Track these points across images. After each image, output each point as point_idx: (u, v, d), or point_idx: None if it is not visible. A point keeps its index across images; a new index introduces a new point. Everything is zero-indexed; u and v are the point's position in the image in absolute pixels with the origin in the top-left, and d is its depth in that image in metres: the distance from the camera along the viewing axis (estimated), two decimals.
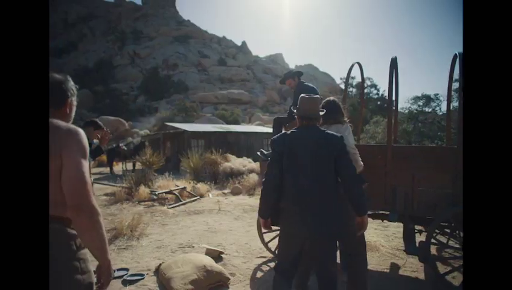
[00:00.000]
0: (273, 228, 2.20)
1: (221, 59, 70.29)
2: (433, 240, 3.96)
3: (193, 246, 3.94)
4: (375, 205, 3.23)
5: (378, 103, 28.90)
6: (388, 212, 3.13)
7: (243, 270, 3.19)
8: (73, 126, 1.24)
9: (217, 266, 2.93)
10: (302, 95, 2.07)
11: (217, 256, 3.52)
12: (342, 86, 27.67)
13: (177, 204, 6.47)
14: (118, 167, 15.62)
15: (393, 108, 3.62)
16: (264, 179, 2.01)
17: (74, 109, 1.40)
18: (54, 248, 1.15)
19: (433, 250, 3.83)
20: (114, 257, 3.59)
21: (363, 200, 1.93)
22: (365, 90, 28.18)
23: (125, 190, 7.03)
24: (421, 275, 3.16)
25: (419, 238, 3.37)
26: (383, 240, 4.26)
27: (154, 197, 6.63)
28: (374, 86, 29.89)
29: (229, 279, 2.88)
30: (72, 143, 1.18)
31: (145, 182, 7.41)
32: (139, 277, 2.95)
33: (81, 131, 1.24)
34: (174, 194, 6.90)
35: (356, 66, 3.77)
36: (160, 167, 9.87)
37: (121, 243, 4.04)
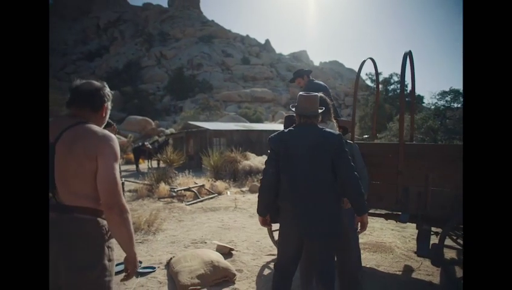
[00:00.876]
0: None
1: (245, 58, 70.66)
2: (453, 244, 3.77)
3: (205, 242, 4.03)
4: (387, 205, 3.14)
5: (407, 99, 27.71)
6: (400, 213, 3.04)
7: (250, 267, 3.23)
8: (107, 132, 1.41)
9: (224, 262, 2.99)
10: (300, 93, 2.06)
11: (227, 252, 3.58)
12: (368, 82, 26.77)
13: (195, 201, 6.64)
14: (144, 165, 16.25)
15: (403, 104, 3.46)
16: (261, 177, 2.03)
17: (109, 112, 1.58)
18: (90, 234, 1.34)
19: (453, 254, 3.65)
20: None
21: (362, 200, 1.89)
22: (392, 87, 27.17)
23: (146, 187, 7.33)
24: (436, 279, 3.02)
25: (436, 240, 3.22)
26: (399, 241, 4.11)
27: (173, 194, 6.84)
28: None
29: (235, 275, 2.93)
30: (106, 148, 1.34)
31: (165, 179, 7.66)
32: (151, 270, 3.08)
33: (114, 137, 1.41)
34: (193, 191, 7.08)
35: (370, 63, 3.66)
36: (181, 164, 10.14)
37: (138, 237, 4.23)
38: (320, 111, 2.02)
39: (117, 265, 3.22)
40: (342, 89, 54.38)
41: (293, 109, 2.06)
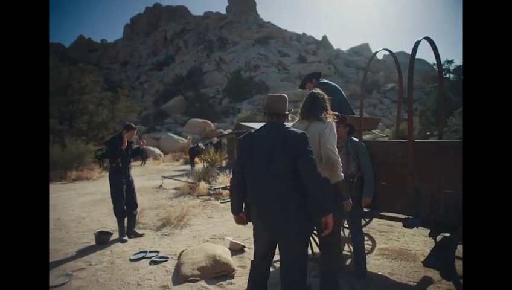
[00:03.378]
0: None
1: (301, 56, 69.78)
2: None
3: (223, 238, 4.22)
4: (398, 209, 2.90)
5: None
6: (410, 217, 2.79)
7: None
8: None
9: (226, 257, 3.12)
10: (269, 93, 2.09)
11: (239, 249, 3.71)
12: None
13: (229, 199, 6.91)
14: (200, 165, 17.39)
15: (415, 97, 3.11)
16: (231, 177, 2.12)
17: None
18: None
19: None
20: (156, 241, 4.18)
21: (326, 200, 1.83)
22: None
23: (189, 185, 7.89)
24: None
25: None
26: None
27: (211, 192, 7.24)
28: None
29: (234, 270, 3.04)
30: None
31: (206, 178, 8.14)
32: (163, 259, 3.38)
33: None
34: (229, 190, 7.38)
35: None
36: (225, 164, 10.60)
37: (167, 230, 4.64)
38: (287, 112, 2.02)
39: (136, 253, 3.60)
40: (406, 82, 49.63)
41: (263, 109, 2.10)
